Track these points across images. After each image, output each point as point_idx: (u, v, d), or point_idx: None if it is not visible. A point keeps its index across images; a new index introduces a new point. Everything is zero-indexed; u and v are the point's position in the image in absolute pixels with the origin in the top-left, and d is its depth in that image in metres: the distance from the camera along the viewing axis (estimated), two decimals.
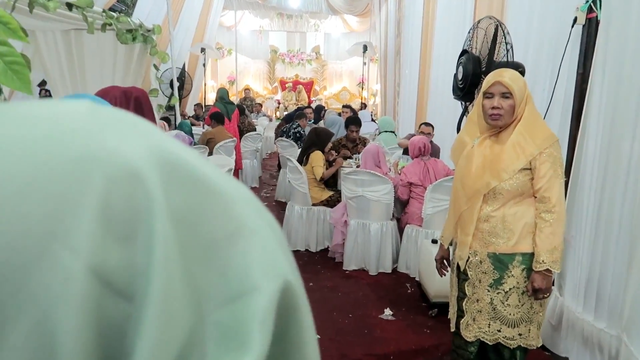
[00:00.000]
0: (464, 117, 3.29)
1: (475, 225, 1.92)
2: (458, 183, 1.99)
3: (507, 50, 2.89)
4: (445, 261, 2.23)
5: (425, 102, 6.13)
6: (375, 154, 4.07)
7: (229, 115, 6.71)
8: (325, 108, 11.48)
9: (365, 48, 11.03)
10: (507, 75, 1.86)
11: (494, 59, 3.08)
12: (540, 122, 1.89)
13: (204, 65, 11.73)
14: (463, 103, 3.28)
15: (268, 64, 16.31)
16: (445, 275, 2.24)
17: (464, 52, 3.22)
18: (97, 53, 2.89)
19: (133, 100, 1.90)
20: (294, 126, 6.40)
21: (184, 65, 12.79)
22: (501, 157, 1.86)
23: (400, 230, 4.15)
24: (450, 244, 2.15)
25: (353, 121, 5.33)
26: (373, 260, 3.98)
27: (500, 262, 1.90)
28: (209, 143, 5.82)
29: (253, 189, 7.23)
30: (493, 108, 1.87)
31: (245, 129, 7.35)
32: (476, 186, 1.90)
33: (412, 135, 5.34)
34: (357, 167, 4.49)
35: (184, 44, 11.72)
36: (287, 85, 15.60)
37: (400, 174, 4.18)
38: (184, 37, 11.57)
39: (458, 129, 3.29)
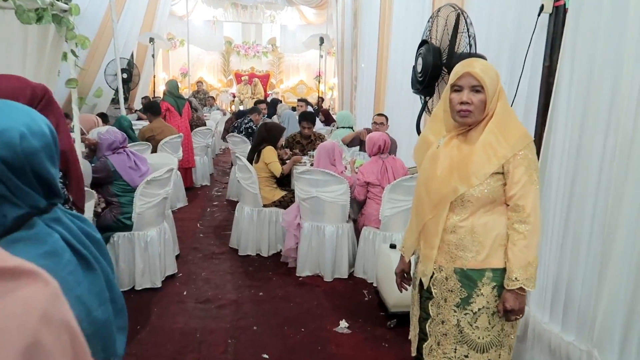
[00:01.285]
0: (424, 113, 3.06)
1: (440, 237, 1.67)
2: (422, 188, 1.74)
3: (470, 43, 2.67)
4: (405, 274, 1.98)
5: (382, 96, 5.92)
6: (330, 151, 3.79)
7: (180, 110, 6.26)
8: (280, 102, 11.15)
9: (322, 40, 10.73)
10: (477, 66, 1.62)
11: (455, 50, 2.86)
12: (514, 120, 1.66)
13: (153, 56, 11.12)
14: (422, 98, 3.05)
15: (223, 55, 15.76)
16: (406, 290, 1.99)
17: (423, 42, 2.99)
18: (2, 37, 2.46)
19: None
20: (246, 121, 6.04)
21: (132, 56, 12.13)
22: (470, 159, 1.62)
23: (357, 233, 3.91)
24: (413, 254, 1.91)
25: (305, 117, 5.06)
26: (328, 265, 3.71)
27: (469, 278, 1.66)
28: (150, 140, 5.38)
29: (204, 187, 6.84)
30: (462, 103, 1.62)
31: (194, 123, 6.91)
32: (442, 192, 1.65)
33: (369, 131, 5.10)
34: (312, 165, 4.20)
35: (131, 33, 11.06)
36: (242, 78, 15.11)
37: (357, 173, 3.94)
38: (130, 26, 10.91)
39: (418, 127, 3.06)
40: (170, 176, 3.53)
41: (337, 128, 6.18)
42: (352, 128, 6.10)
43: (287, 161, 4.39)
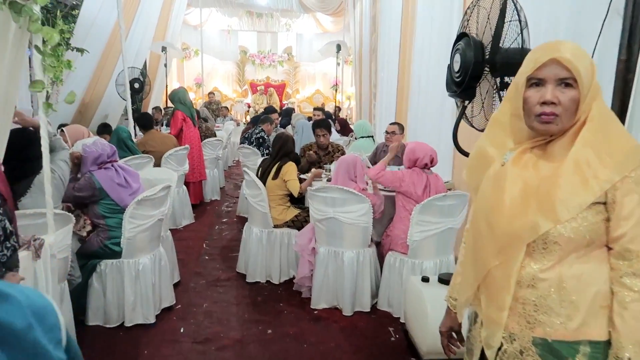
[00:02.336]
0: (461, 120, 2.57)
1: (513, 293, 1.17)
2: (482, 222, 1.24)
3: (521, 31, 2.18)
4: (455, 333, 1.49)
5: (405, 104, 5.42)
6: (351, 165, 3.31)
7: (194, 120, 5.83)
8: (295, 111, 10.71)
9: (338, 47, 10.32)
10: (568, 50, 1.13)
11: (500, 44, 2.37)
12: (618, 128, 1.16)
13: (165, 65, 10.82)
14: (460, 102, 2.56)
15: (237, 65, 15.47)
16: (454, 354, 1.49)
17: (461, 36, 2.50)
18: None
19: None
20: (257, 131, 5.60)
21: (144, 65, 11.88)
22: (556, 182, 1.12)
23: (380, 257, 3.41)
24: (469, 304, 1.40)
25: (319, 124, 4.60)
26: (348, 296, 3.21)
27: (555, 354, 1.15)
28: (150, 154, 4.97)
29: (214, 202, 6.41)
30: (544, 104, 1.14)
31: (203, 134, 6.50)
32: (514, 229, 1.15)
33: (384, 146, 4.61)
34: (328, 181, 3.72)
35: (143, 42, 10.80)
36: (258, 88, 14.79)
37: (380, 189, 3.45)
38: (142, 35, 10.66)
39: (455, 138, 2.56)
40: (167, 194, 3.09)
41: (356, 138, 5.72)
42: (372, 138, 5.63)
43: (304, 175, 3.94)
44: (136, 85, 9.37)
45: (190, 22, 14.38)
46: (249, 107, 14.66)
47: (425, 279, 2.61)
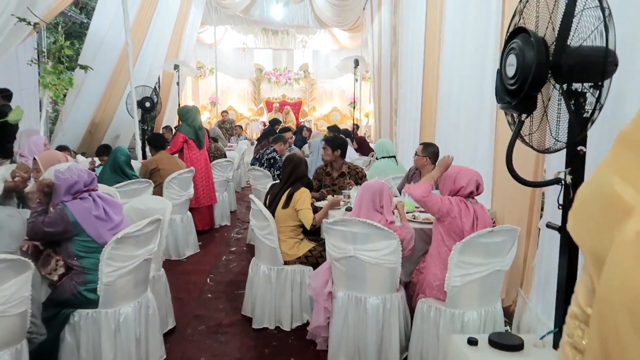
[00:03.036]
0: (517, 139, 2.03)
1: None
2: (623, 319, 0.70)
3: (605, 19, 1.65)
4: None
5: (431, 120, 4.90)
6: (377, 193, 2.78)
7: (201, 144, 5.36)
8: (307, 127, 10.20)
9: (356, 63, 9.85)
10: None
11: (568, 42, 1.84)
12: None
13: (177, 84, 10.52)
14: (516, 115, 2.02)
15: (253, 83, 15.17)
16: None
17: (516, 32, 1.99)
18: None
19: None
20: (269, 151, 5.12)
21: (157, 83, 11.62)
22: None
23: (409, 297, 2.86)
24: None
25: (325, 140, 4.14)
26: (372, 351, 2.65)
27: None
28: (154, 175, 4.54)
29: (223, 228, 5.93)
30: None
31: (212, 154, 6.06)
32: None
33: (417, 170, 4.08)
34: (348, 210, 3.19)
35: (155, 60, 10.54)
36: (273, 106, 14.43)
37: (408, 219, 2.91)
38: (154, 53, 10.40)
39: (508, 160, 2.02)
40: (156, 229, 2.60)
41: (377, 159, 5.19)
42: (394, 158, 5.09)
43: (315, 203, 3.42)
44: (147, 104, 9.04)
45: (205, 40, 14.17)
46: (265, 125, 14.28)
47: (472, 341, 2.04)
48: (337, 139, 4.03)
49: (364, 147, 7.79)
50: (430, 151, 4.02)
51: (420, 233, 2.98)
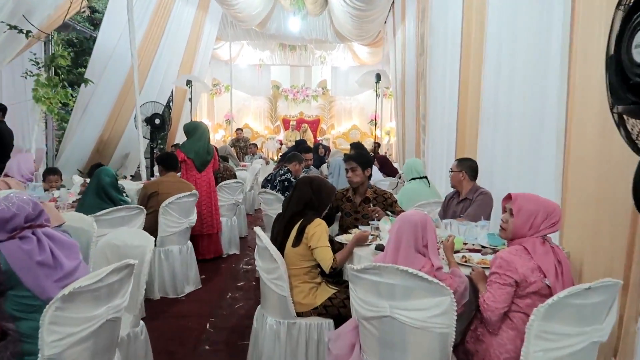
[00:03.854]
0: None
1: None
2: None
3: None
4: None
5: (471, 137, 4.21)
6: (419, 228, 2.09)
7: (201, 166, 4.76)
8: (324, 145, 9.50)
9: (378, 77, 9.26)
10: None
11: None
12: None
13: (190, 100, 10.02)
14: None
15: (269, 100, 14.69)
16: None
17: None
18: None
19: None
20: (282, 172, 4.47)
21: (169, 100, 11.18)
22: None
23: None
24: None
25: (348, 157, 3.42)
26: None
27: None
28: (151, 200, 3.93)
29: (231, 257, 5.29)
30: None
31: (220, 175, 5.45)
32: None
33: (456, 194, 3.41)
34: (379, 249, 2.50)
35: (167, 75, 10.10)
36: (290, 124, 13.90)
37: (465, 262, 2.21)
38: (166, 68, 9.96)
39: (637, 185, 1.33)
40: (126, 277, 1.95)
41: (406, 182, 4.51)
42: (425, 179, 4.40)
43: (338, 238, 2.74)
44: (157, 121, 8.53)
45: (220, 56, 13.77)
46: (281, 144, 13.73)
47: None
48: (364, 155, 3.35)
49: (386, 167, 7.11)
50: (466, 165, 3.36)
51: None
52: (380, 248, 2.46)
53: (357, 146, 5.91)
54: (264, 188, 4.48)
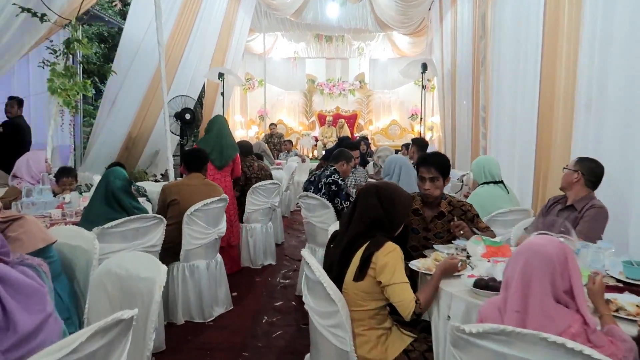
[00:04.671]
0: None
1: None
2: None
3: None
4: None
5: (565, 130, 3.40)
6: (557, 264, 1.37)
7: (221, 162, 4.23)
8: (365, 141, 8.70)
9: (424, 67, 8.44)
10: None
11: None
12: None
13: (222, 94, 9.46)
14: None
15: (304, 95, 14.04)
16: None
17: None
18: None
19: None
20: (327, 173, 3.77)
21: (200, 94, 10.67)
22: None
23: None
24: None
25: (425, 160, 2.59)
26: None
27: None
28: (172, 208, 3.31)
29: (267, 269, 4.66)
30: None
31: (254, 175, 4.80)
32: None
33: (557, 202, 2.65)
34: (481, 287, 1.76)
35: (199, 68, 9.57)
36: (326, 120, 13.20)
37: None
38: (197, 61, 9.42)
39: None
40: (119, 338, 1.30)
41: (479, 186, 3.71)
42: (502, 184, 3.61)
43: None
44: (187, 117, 7.98)
45: (254, 50, 13.21)
46: (317, 140, 13.07)
47: None
48: (446, 160, 2.58)
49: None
50: (586, 167, 2.58)
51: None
52: (483, 285, 1.73)
53: (420, 143, 5.01)
54: (307, 191, 3.80)
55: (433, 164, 2.48)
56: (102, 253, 2.57)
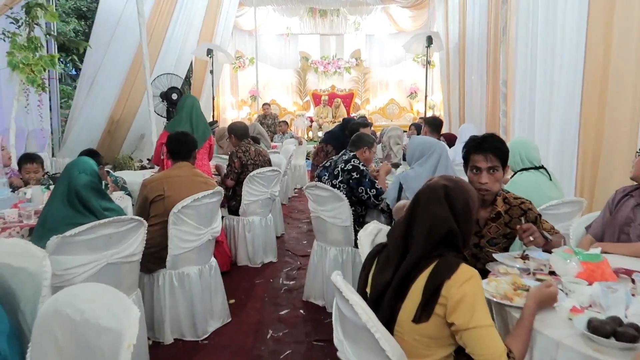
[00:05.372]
0: None
1: None
2: None
3: None
4: None
5: (624, 98, 2.86)
6: None
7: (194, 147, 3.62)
8: (364, 121, 8.08)
9: (429, 40, 7.80)
10: None
11: None
12: None
13: (211, 72, 8.77)
14: None
15: (298, 74, 13.35)
16: None
17: None
18: None
19: None
20: (345, 158, 3.19)
21: (188, 73, 9.97)
22: None
23: None
24: None
25: (480, 145, 1.99)
26: None
27: None
28: (155, 207, 2.74)
29: (267, 267, 4.13)
30: None
31: (252, 161, 4.21)
32: None
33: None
34: (600, 333, 1.22)
35: (185, 45, 8.87)
36: (322, 99, 12.57)
37: None
38: (184, 37, 8.72)
39: None
40: None
41: (515, 173, 3.15)
42: (544, 170, 3.05)
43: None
44: (174, 97, 7.28)
45: (243, 26, 12.45)
46: (312, 121, 12.44)
47: None
48: (505, 144, 2.01)
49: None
50: None
51: None
52: (606, 332, 1.18)
53: (433, 122, 4.51)
54: (320, 178, 3.22)
55: (491, 148, 1.92)
56: (63, 269, 2.01)
